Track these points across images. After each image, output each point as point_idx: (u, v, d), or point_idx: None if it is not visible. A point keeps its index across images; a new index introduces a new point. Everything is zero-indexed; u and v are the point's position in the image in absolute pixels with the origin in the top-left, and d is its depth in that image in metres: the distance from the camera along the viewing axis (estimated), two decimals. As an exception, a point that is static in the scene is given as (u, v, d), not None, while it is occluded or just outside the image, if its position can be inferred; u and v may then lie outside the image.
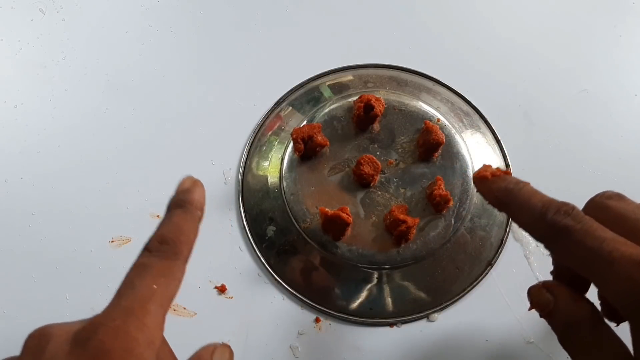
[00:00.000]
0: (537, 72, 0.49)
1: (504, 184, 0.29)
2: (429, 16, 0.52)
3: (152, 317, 0.23)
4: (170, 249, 0.25)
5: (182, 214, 0.26)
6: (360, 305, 0.40)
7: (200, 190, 0.27)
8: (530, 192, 0.28)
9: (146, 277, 0.24)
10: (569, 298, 0.27)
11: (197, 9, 0.52)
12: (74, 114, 0.47)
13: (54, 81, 0.48)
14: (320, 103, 0.46)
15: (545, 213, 0.26)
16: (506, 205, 0.29)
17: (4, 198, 0.44)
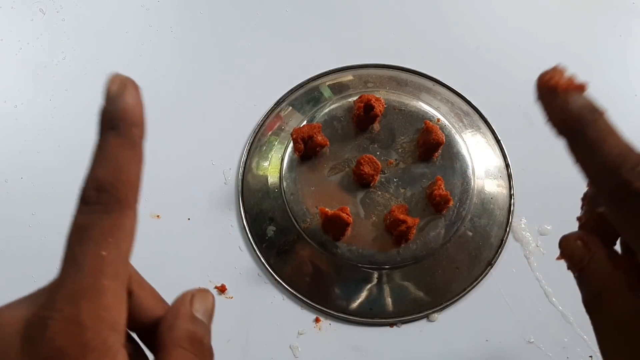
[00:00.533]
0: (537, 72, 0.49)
1: (578, 105, 0.23)
2: (429, 16, 0.52)
3: (109, 294, 0.19)
4: (110, 197, 0.20)
5: (116, 141, 0.20)
6: (360, 305, 0.40)
7: (133, 94, 0.22)
8: (606, 130, 0.22)
9: (89, 243, 0.19)
10: (607, 257, 0.23)
11: (197, 9, 0.52)
12: (74, 114, 0.47)
13: (54, 81, 0.48)
14: (320, 103, 0.46)
15: (620, 166, 0.21)
16: (573, 137, 0.23)
17: (4, 198, 0.44)
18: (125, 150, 0.20)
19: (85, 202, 0.20)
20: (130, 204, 0.20)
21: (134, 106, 0.21)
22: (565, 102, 0.23)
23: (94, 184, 0.20)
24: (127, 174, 0.20)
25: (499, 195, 0.43)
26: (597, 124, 0.22)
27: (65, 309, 0.18)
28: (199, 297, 0.23)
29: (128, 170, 0.20)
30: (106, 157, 0.20)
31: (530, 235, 0.43)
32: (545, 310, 0.40)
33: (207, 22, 0.51)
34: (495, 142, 0.46)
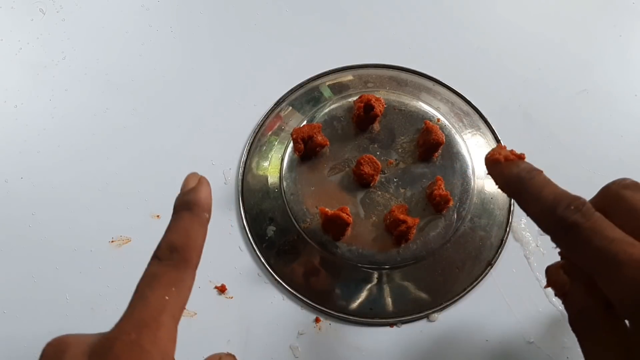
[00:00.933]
0: (537, 72, 0.49)
1: (517, 170, 0.28)
2: (429, 16, 0.52)
3: (165, 329, 0.23)
4: (179, 257, 0.25)
5: (189, 217, 0.26)
6: (360, 305, 0.40)
7: (206, 188, 0.27)
8: (542, 183, 0.27)
9: (157, 287, 0.23)
10: (584, 282, 0.27)
11: (197, 9, 0.52)
12: (74, 114, 0.47)
13: (54, 81, 0.48)
14: (320, 103, 0.46)
15: (555, 207, 0.25)
16: (517, 193, 0.28)
17: (4, 198, 0.44)
18: (195, 225, 0.26)
19: (159, 259, 0.25)
20: (194, 265, 0.25)
21: (207, 197, 0.27)
22: (506, 169, 0.28)
23: (167, 246, 0.25)
24: (194, 241, 0.25)
25: (499, 195, 0.43)
26: (536, 180, 0.27)
27: (132, 333, 0.22)
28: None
29: (196, 239, 0.25)
30: (179, 227, 0.26)
31: (530, 235, 0.43)
32: (545, 310, 0.40)
33: (207, 22, 0.51)
34: (495, 142, 0.46)
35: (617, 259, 0.23)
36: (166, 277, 0.24)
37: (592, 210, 0.25)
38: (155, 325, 0.22)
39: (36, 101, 0.47)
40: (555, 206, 0.25)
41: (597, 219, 0.25)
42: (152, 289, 0.23)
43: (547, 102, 0.48)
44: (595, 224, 0.24)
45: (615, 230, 0.24)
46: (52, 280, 0.41)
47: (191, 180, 0.27)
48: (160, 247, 0.25)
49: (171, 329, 0.23)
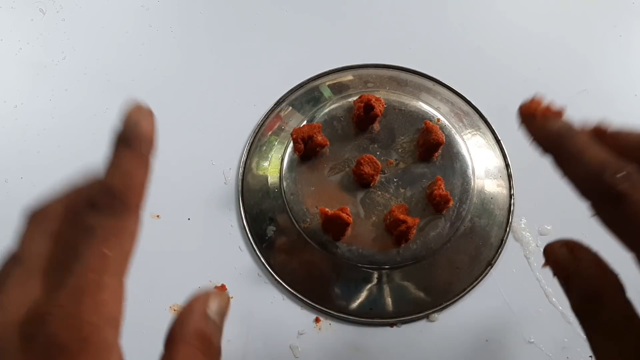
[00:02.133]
0: (537, 72, 0.49)
1: (557, 126, 0.25)
2: (428, 16, 0.52)
3: (109, 291, 0.20)
4: (117, 202, 0.21)
5: (128, 154, 0.23)
6: (360, 305, 0.40)
7: (148, 119, 0.23)
8: (586, 143, 0.24)
9: (93, 241, 0.20)
10: (594, 263, 0.24)
11: (197, 9, 0.52)
12: (74, 114, 0.47)
13: (54, 81, 0.48)
14: (320, 103, 0.46)
15: (602, 172, 0.23)
16: (556, 151, 0.25)
17: (4, 198, 0.44)
18: (134, 161, 0.22)
19: (93, 206, 0.21)
20: (135, 208, 0.22)
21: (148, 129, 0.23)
22: (545, 123, 0.26)
23: (104, 190, 0.22)
24: (136, 181, 0.22)
25: (499, 195, 0.43)
26: (577, 138, 0.25)
27: (66, 304, 0.19)
28: (214, 297, 0.24)
29: (135, 178, 0.22)
30: (118, 167, 0.22)
31: (530, 235, 0.43)
32: (545, 310, 0.40)
33: (207, 22, 0.51)
34: (495, 142, 0.46)
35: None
36: (103, 227, 0.20)
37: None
38: (95, 288, 0.19)
39: (36, 101, 0.47)
40: (602, 171, 0.23)
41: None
42: (87, 245, 0.20)
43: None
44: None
45: None
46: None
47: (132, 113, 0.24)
48: (94, 192, 0.22)
49: (116, 288, 0.20)
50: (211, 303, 0.24)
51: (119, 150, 0.23)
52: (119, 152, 0.23)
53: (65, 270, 0.20)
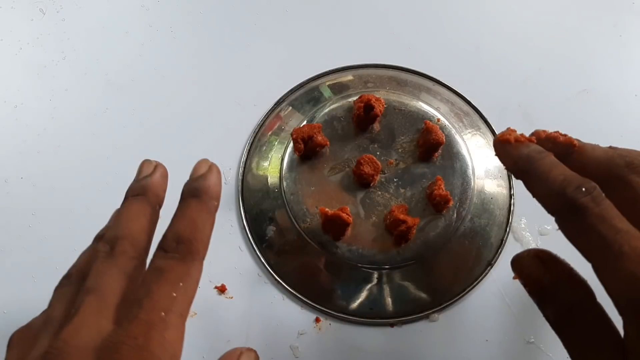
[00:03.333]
0: (537, 72, 0.49)
1: (527, 150, 0.27)
2: (428, 16, 0.52)
3: (173, 329, 0.22)
4: (186, 249, 0.23)
5: (197, 206, 0.25)
6: (360, 305, 0.40)
7: (216, 175, 0.26)
8: (552, 163, 0.26)
9: (164, 283, 0.22)
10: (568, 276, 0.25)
11: (197, 9, 0.52)
12: (74, 114, 0.47)
13: (54, 81, 0.48)
14: (320, 103, 0.46)
15: (565, 187, 0.24)
16: (525, 173, 0.27)
17: (4, 198, 0.44)
18: (203, 214, 0.25)
19: (165, 250, 0.24)
20: (201, 257, 0.24)
21: (216, 184, 0.26)
22: (516, 149, 0.28)
23: (174, 236, 0.24)
24: (202, 232, 0.24)
25: (499, 195, 0.43)
26: (544, 161, 0.26)
27: (139, 336, 0.21)
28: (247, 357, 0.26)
29: (203, 229, 0.24)
30: (186, 216, 0.25)
31: (530, 235, 0.43)
32: (545, 310, 0.40)
33: (207, 22, 0.51)
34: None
35: (621, 250, 0.23)
36: (173, 271, 0.23)
37: (602, 195, 0.24)
38: (162, 326, 0.21)
39: (36, 101, 0.47)
40: (565, 186, 0.24)
41: (606, 206, 0.24)
42: (158, 285, 0.22)
43: (547, 102, 0.48)
44: (604, 211, 0.24)
45: (623, 221, 0.23)
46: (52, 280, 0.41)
47: (201, 167, 0.26)
48: (166, 237, 0.24)
49: (179, 328, 0.22)
50: None
51: (187, 201, 0.25)
52: (188, 203, 0.25)
53: (137, 306, 0.22)
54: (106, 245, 0.24)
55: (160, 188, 0.27)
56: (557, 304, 0.25)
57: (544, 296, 0.26)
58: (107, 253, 0.24)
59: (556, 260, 0.26)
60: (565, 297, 0.25)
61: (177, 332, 0.22)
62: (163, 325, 0.21)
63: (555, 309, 0.25)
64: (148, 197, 0.26)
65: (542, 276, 0.26)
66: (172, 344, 0.21)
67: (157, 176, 0.28)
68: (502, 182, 0.44)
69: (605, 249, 0.23)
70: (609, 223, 0.23)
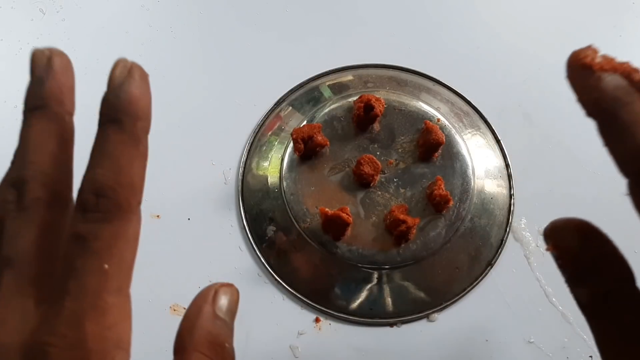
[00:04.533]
0: (537, 72, 0.49)
1: (613, 86, 0.21)
2: (428, 16, 0.52)
3: (113, 311, 0.17)
4: (111, 203, 0.18)
5: (118, 137, 0.18)
6: (360, 305, 0.40)
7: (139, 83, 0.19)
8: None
9: (90, 256, 0.17)
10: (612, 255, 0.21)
11: (197, 9, 0.52)
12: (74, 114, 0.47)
13: (54, 81, 0.48)
14: (320, 103, 0.46)
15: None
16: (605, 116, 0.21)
17: (4, 198, 0.44)
18: (128, 148, 0.18)
19: (83, 209, 0.18)
20: (133, 208, 0.18)
21: (139, 97, 0.19)
22: (599, 81, 0.22)
23: (92, 187, 0.18)
24: (129, 176, 0.18)
25: (499, 195, 0.43)
26: (633, 107, 0.21)
27: (68, 333, 0.17)
28: (223, 293, 0.21)
29: (130, 171, 0.18)
30: (106, 155, 0.18)
31: (530, 235, 0.43)
32: (545, 310, 0.40)
33: (207, 22, 0.51)
34: (495, 142, 0.46)
35: None
36: (99, 238, 0.17)
37: None
38: (97, 311, 0.17)
39: (36, 101, 0.47)
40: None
41: None
42: (83, 260, 0.17)
43: (547, 102, 0.48)
44: None
45: None
46: (52, 280, 0.41)
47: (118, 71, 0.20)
48: (83, 190, 0.19)
49: (120, 306, 0.18)
50: (220, 300, 0.21)
51: (106, 130, 0.19)
52: (106, 134, 0.19)
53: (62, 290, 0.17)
54: (13, 192, 0.19)
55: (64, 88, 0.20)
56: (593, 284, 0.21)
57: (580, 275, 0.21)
58: (17, 204, 0.19)
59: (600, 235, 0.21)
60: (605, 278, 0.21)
61: (118, 313, 0.17)
62: (97, 311, 0.17)
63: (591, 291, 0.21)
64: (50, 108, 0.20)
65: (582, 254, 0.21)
66: (114, 330, 0.17)
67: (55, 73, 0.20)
68: (502, 182, 0.44)
69: None
70: None
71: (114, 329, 0.17)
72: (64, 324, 0.17)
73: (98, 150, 0.19)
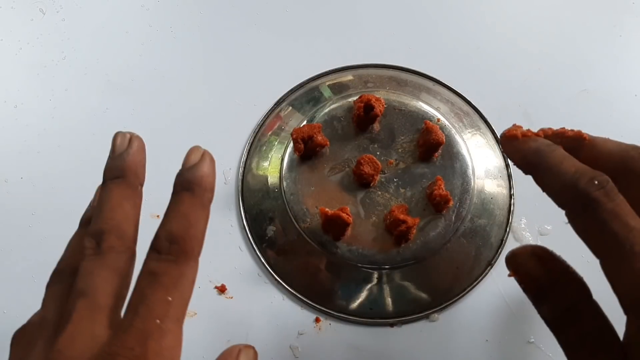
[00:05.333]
0: (537, 71, 0.49)
1: (535, 144, 0.26)
2: (428, 16, 0.52)
3: (171, 336, 0.21)
4: (180, 249, 0.22)
5: (190, 200, 0.23)
6: (360, 305, 0.40)
7: (209, 165, 0.24)
8: (562, 156, 0.25)
9: (158, 288, 0.22)
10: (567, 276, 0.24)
11: (197, 9, 0.52)
12: (74, 114, 0.47)
13: (54, 81, 0.48)
14: (320, 103, 0.46)
15: (577, 180, 0.23)
16: (534, 167, 0.26)
17: (4, 198, 0.44)
18: (197, 210, 0.23)
19: (158, 251, 0.23)
20: (196, 256, 0.23)
21: (209, 174, 0.24)
22: (524, 143, 0.27)
23: (166, 236, 0.23)
24: (196, 229, 0.23)
25: (499, 195, 0.43)
26: (554, 153, 0.25)
27: (135, 347, 0.20)
28: (245, 354, 0.26)
29: (197, 225, 0.23)
30: (179, 213, 0.23)
31: (530, 235, 0.43)
32: (545, 310, 0.40)
33: (207, 22, 0.51)
34: (495, 142, 0.46)
35: (633, 250, 0.22)
36: (167, 274, 0.22)
37: (615, 190, 0.23)
38: (159, 333, 0.21)
39: (36, 101, 0.47)
40: (577, 179, 0.23)
41: (620, 201, 0.23)
42: (152, 290, 0.21)
43: (547, 102, 0.48)
44: (618, 207, 0.22)
45: (636, 218, 0.23)
46: (52, 280, 0.41)
47: (193, 156, 0.24)
48: (159, 237, 0.23)
49: (176, 334, 0.22)
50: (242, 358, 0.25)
51: (181, 196, 0.24)
52: (180, 198, 0.24)
53: (131, 313, 0.21)
54: (92, 241, 0.23)
55: (139, 165, 0.26)
56: (554, 302, 0.24)
57: (541, 294, 0.25)
58: (95, 250, 0.23)
59: (553, 257, 0.25)
60: (563, 295, 0.24)
61: (174, 339, 0.21)
62: (160, 333, 0.21)
63: (552, 307, 0.25)
64: (128, 178, 0.25)
65: (538, 274, 0.25)
66: (169, 351, 0.21)
67: (133, 151, 0.26)
68: (502, 182, 0.44)
69: (616, 247, 0.22)
70: (621, 220, 0.22)
71: (169, 351, 0.21)
72: (132, 339, 0.20)
73: (173, 210, 0.24)
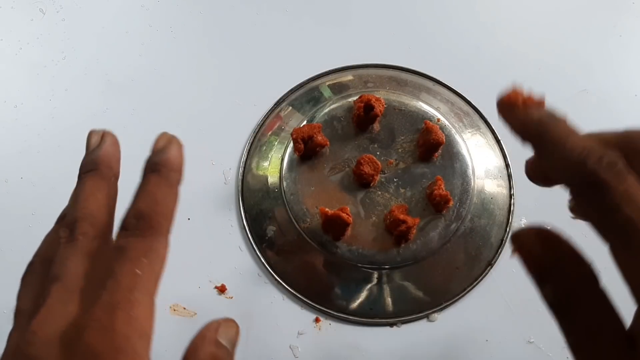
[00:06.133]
0: (536, 72, 0.49)
1: (538, 114, 0.24)
2: (429, 16, 0.52)
3: (140, 307, 0.21)
4: (147, 224, 0.23)
5: (156, 180, 0.24)
6: (360, 305, 0.40)
7: (175, 148, 0.25)
8: (568, 129, 0.23)
9: (126, 262, 0.22)
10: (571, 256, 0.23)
11: (197, 9, 0.52)
12: (74, 114, 0.47)
13: (54, 81, 0.48)
14: (320, 103, 0.46)
15: (585, 158, 0.21)
16: (537, 138, 0.24)
17: (4, 198, 0.44)
18: (163, 188, 0.24)
19: (125, 228, 0.23)
20: (164, 232, 0.23)
21: (175, 157, 0.25)
22: (525, 112, 0.25)
23: (134, 214, 0.23)
24: (163, 206, 0.24)
25: (499, 195, 0.43)
26: (559, 125, 0.23)
27: (102, 317, 0.20)
28: (225, 326, 0.25)
29: (165, 202, 0.24)
30: (145, 192, 0.24)
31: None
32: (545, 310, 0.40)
33: (207, 22, 0.51)
34: (495, 142, 0.46)
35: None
36: (134, 248, 0.22)
37: (625, 171, 0.21)
38: (128, 304, 0.21)
39: (36, 101, 0.47)
40: (585, 157, 0.21)
41: (631, 183, 0.21)
42: (120, 264, 0.22)
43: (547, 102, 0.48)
44: (630, 189, 0.21)
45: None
46: (52, 280, 0.41)
47: (160, 141, 0.26)
48: (127, 216, 0.23)
49: (147, 305, 0.22)
50: (222, 331, 0.25)
51: (146, 177, 0.25)
52: (145, 178, 0.25)
53: (100, 287, 0.21)
54: (66, 230, 0.24)
55: (113, 159, 0.27)
56: (557, 283, 0.23)
57: (544, 275, 0.24)
58: (68, 238, 0.24)
59: (558, 240, 0.23)
60: (567, 277, 0.23)
61: (145, 310, 0.21)
62: (128, 304, 0.21)
63: (554, 291, 0.23)
64: (101, 171, 0.26)
65: (544, 257, 0.23)
66: (139, 322, 0.21)
67: (106, 146, 0.27)
68: (502, 182, 0.44)
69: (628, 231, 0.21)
70: (635, 203, 0.20)
71: (140, 321, 0.21)
72: (99, 311, 0.21)
73: (140, 190, 0.24)
